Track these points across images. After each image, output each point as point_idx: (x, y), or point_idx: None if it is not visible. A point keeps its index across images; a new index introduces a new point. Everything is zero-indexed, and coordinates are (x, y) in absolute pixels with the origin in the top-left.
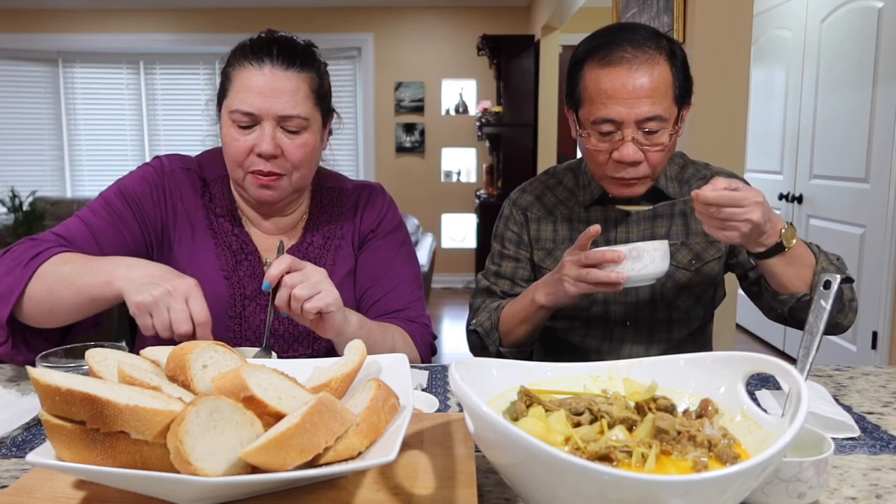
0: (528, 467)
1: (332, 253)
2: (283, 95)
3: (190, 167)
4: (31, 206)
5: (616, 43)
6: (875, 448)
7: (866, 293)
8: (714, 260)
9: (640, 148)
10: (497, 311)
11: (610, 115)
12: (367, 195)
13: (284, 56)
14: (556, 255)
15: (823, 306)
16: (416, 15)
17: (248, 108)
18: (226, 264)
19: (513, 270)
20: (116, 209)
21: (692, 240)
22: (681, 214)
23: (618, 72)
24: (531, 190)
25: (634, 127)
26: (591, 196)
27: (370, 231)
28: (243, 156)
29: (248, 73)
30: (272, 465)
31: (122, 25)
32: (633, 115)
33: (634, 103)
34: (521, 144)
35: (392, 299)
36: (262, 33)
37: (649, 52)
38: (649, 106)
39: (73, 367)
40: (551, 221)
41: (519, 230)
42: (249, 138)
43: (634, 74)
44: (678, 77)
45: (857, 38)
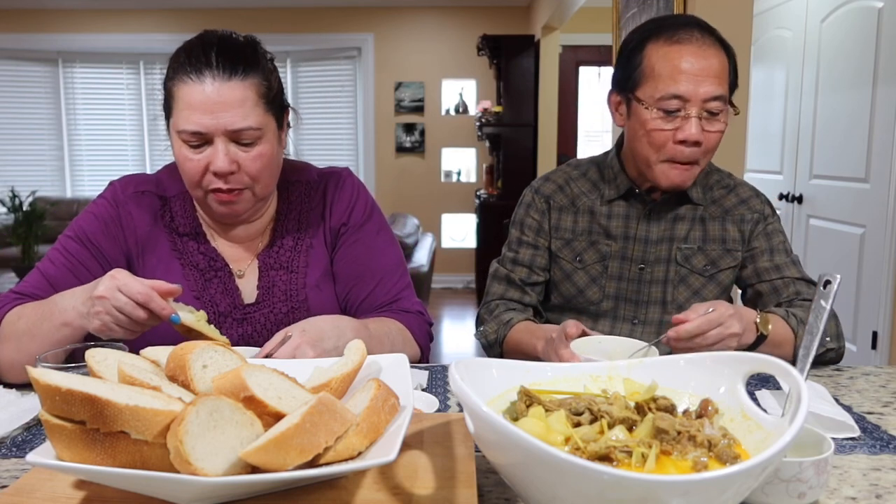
0: (528, 467)
1: (304, 254)
2: (230, 108)
3: (145, 189)
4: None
5: (683, 25)
6: (875, 448)
7: (866, 293)
8: (729, 269)
9: (703, 131)
10: (506, 328)
11: (679, 90)
12: (334, 185)
13: (225, 63)
14: (573, 246)
15: (823, 306)
16: (416, 15)
17: (195, 128)
18: (195, 284)
19: (531, 258)
20: (73, 253)
21: (708, 246)
22: (700, 220)
23: (689, 49)
24: (554, 179)
25: (700, 106)
26: (616, 191)
27: (341, 225)
28: (199, 175)
29: (189, 89)
30: (272, 465)
31: (122, 25)
32: (700, 93)
33: (702, 81)
34: (521, 144)
35: (380, 293)
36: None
37: (714, 36)
38: (715, 86)
39: (73, 367)
40: (573, 212)
41: (540, 218)
42: (202, 157)
43: (704, 53)
44: (730, 68)
45: (857, 38)
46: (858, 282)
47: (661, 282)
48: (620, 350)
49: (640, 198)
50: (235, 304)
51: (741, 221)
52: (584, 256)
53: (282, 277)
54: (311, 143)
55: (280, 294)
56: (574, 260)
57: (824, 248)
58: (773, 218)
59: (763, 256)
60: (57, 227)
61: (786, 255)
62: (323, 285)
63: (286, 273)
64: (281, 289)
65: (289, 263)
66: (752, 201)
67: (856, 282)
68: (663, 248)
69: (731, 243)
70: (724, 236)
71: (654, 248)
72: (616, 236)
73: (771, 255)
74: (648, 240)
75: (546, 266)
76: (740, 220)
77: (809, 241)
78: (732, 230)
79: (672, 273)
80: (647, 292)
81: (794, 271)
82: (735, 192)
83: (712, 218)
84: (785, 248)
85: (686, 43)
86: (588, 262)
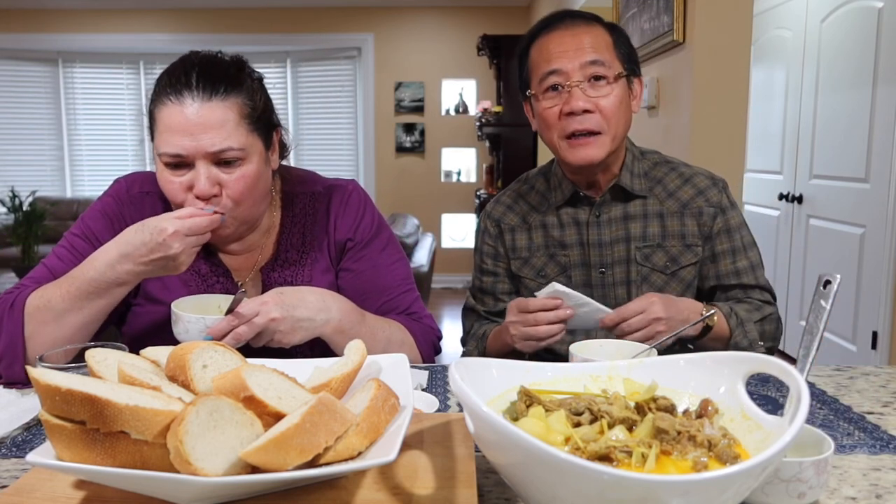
0: (528, 467)
1: (309, 268)
2: (210, 130)
3: (150, 190)
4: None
5: (554, 18)
6: (875, 448)
7: (866, 293)
8: (690, 265)
9: (590, 98)
10: (483, 340)
11: (553, 65)
12: (339, 198)
13: (206, 84)
14: (532, 263)
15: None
16: (416, 15)
17: (174, 150)
18: (197, 289)
19: (492, 285)
20: (80, 250)
21: (668, 242)
22: (657, 215)
23: (557, 32)
24: (504, 200)
25: (580, 76)
26: (562, 196)
27: (347, 240)
28: (181, 197)
29: (169, 111)
30: (272, 465)
31: (122, 25)
32: (576, 62)
33: (576, 53)
34: (521, 144)
35: (388, 308)
36: (180, 59)
37: (588, 20)
38: (589, 53)
39: (73, 367)
40: (525, 230)
41: (494, 243)
42: (184, 179)
43: (573, 31)
44: (620, 44)
45: (857, 38)
46: (858, 282)
47: (625, 283)
48: (620, 352)
49: (587, 201)
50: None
51: (699, 215)
52: (546, 271)
53: None
54: (312, 143)
55: None
56: (536, 276)
57: (824, 248)
58: (733, 210)
59: (725, 259)
60: (57, 227)
61: (746, 258)
62: None
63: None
64: None
65: (293, 278)
66: (710, 192)
67: (856, 282)
68: (620, 249)
69: (691, 238)
70: (682, 231)
71: (611, 250)
72: (571, 244)
73: (733, 257)
74: (602, 242)
75: (510, 290)
76: (698, 213)
77: (809, 241)
78: (691, 224)
79: (633, 273)
80: (613, 295)
81: (752, 278)
82: (691, 182)
83: (670, 213)
84: (744, 243)
85: (555, 29)
86: (550, 276)
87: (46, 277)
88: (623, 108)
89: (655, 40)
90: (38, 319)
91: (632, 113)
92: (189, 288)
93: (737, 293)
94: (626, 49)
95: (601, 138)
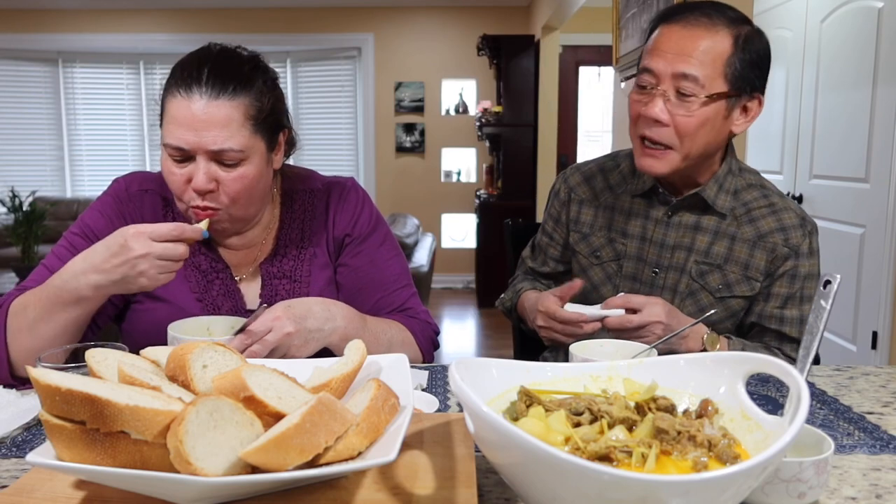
0: (528, 467)
1: (308, 263)
2: (213, 129)
3: (149, 188)
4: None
5: (686, 8)
6: (875, 448)
7: (866, 293)
8: (743, 297)
9: (670, 110)
10: (517, 295)
11: (650, 64)
12: (337, 195)
13: (216, 81)
14: (590, 241)
15: (823, 306)
16: (416, 15)
17: (177, 143)
18: (196, 286)
19: (546, 246)
20: (79, 249)
21: (729, 267)
22: (728, 236)
23: (674, 28)
24: (585, 170)
25: (671, 84)
26: (642, 186)
27: (345, 236)
28: (181, 189)
29: (177, 104)
30: (272, 465)
31: (122, 25)
32: (669, 69)
33: (675, 59)
34: (521, 144)
35: (384, 304)
36: (197, 50)
37: (714, 21)
38: (687, 64)
39: (73, 367)
40: (594, 206)
41: (560, 208)
42: (185, 172)
43: (687, 32)
44: (739, 59)
45: (857, 38)
46: (858, 282)
47: (672, 290)
48: (620, 352)
49: (663, 198)
50: (238, 307)
51: (772, 252)
52: (601, 252)
53: (285, 286)
54: (312, 143)
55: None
56: (590, 255)
57: (824, 248)
58: (810, 259)
59: (776, 301)
60: (57, 227)
61: (798, 309)
62: (326, 294)
63: (289, 282)
64: (284, 297)
65: (292, 272)
66: (792, 232)
67: (856, 282)
68: (679, 257)
69: (754, 271)
70: (748, 262)
71: (670, 254)
72: (633, 236)
73: (785, 302)
74: (664, 244)
75: (558, 257)
76: (772, 249)
77: None
78: (759, 258)
79: (683, 285)
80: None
81: (795, 331)
82: (778, 215)
83: (743, 239)
84: (803, 295)
85: (677, 21)
86: (604, 259)
87: (46, 278)
88: (707, 130)
89: None
90: (15, 326)
91: (729, 132)
92: (189, 283)
93: (771, 339)
94: (747, 64)
95: (669, 154)
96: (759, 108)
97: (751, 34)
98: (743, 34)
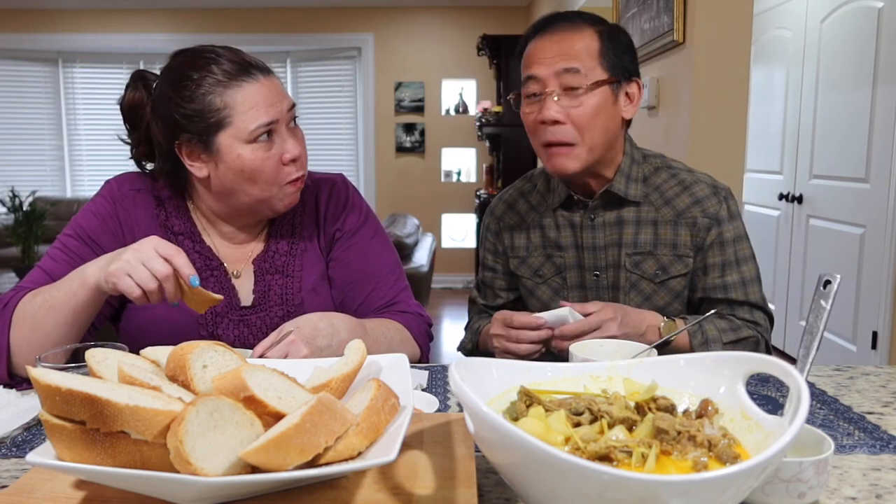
0: (528, 467)
1: (299, 258)
2: (280, 93)
3: (141, 187)
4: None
5: (548, 21)
6: (875, 448)
7: (866, 293)
8: (680, 276)
9: (563, 109)
10: (476, 336)
11: (531, 71)
12: (327, 191)
13: (259, 63)
14: (529, 263)
15: (823, 306)
16: (416, 15)
17: (269, 118)
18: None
19: (492, 280)
20: (74, 250)
21: (659, 251)
22: (650, 222)
23: (542, 38)
24: (506, 198)
25: (555, 84)
26: (558, 198)
27: (336, 230)
28: (277, 170)
29: (249, 90)
30: (272, 465)
31: (122, 25)
32: (551, 70)
33: (553, 60)
34: (521, 144)
35: (376, 297)
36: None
37: (577, 23)
38: (565, 61)
39: (73, 367)
40: (524, 229)
41: (494, 240)
42: (274, 151)
43: (556, 36)
44: (610, 49)
45: (857, 38)
46: (858, 282)
47: (614, 288)
48: (620, 352)
49: (581, 204)
50: (232, 304)
51: (693, 226)
52: (543, 271)
53: (277, 281)
54: (311, 143)
55: (276, 298)
56: (533, 276)
57: (824, 248)
58: (731, 223)
59: (714, 272)
60: (57, 227)
61: (737, 272)
62: (319, 289)
63: (282, 277)
64: (277, 293)
65: (284, 268)
66: (708, 202)
67: (856, 282)
68: (612, 253)
69: (683, 248)
70: (675, 241)
71: (604, 254)
72: (567, 246)
73: (722, 270)
74: (596, 246)
75: (506, 287)
76: (693, 223)
77: (809, 241)
78: (684, 234)
79: (623, 279)
80: (608, 298)
81: (741, 294)
82: (690, 190)
83: (664, 221)
84: (738, 258)
85: (543, 33)
86: (547, 276)
87: (43, 279)
88: (602, 118)
89: (655, 40)
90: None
91: (621, 119)
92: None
93: (723, 308)
94: (617, 53)
95: (575, 150)
96: (640, 91)
97: (613, 28)
98: (606, 29)
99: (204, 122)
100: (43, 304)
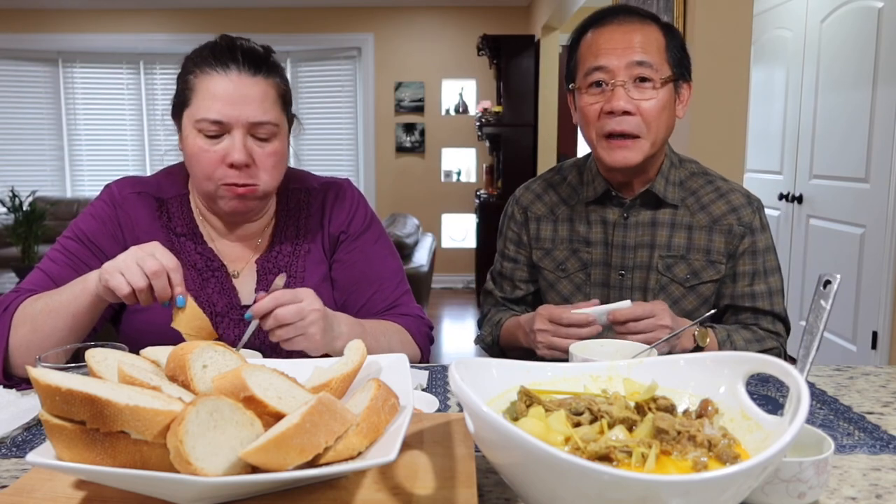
0: (528, 467)
1: (303, 259)
2: (253, 102)
3: (142, 190)
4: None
5: (608, 13)
6: (875, 448)
7: (866, 293)
8: (711, 281)
9: (632, 100)
10: (497, 328)
11: (599, 62)
12: (333, 194)
13: (250, 61)
14: (554, 255)
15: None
16: (416, 15)
17: (216, 117)
18: (192, 284)
19: (512, 271)
20: (74, 252)
21: (692, 255)
22: (685, 227)
23: (609, 28)
24: (534, 188)
25: (626, 76)
26: (593, 193)
27: (340, 233)
28: (213, 167)
29: (214, 79)
30: (272, 465)
31: (122, 25)
32: (623, 61)
33: (625, 51)
34: (521, 144)
35: (378, 300)
36: (219, 39)
37: (643, 17)
38: (638, 53)
39: (73, 367)
40: (552, 221)
41: (518, 230)
42: (219, 148)
43: (624, 28)
44: (673, 47)
45: (857, 38)
46: (858, 282)
47: (642, 289)
48: (620, 352)
49: (617, 201)
50: (232, 303)
51: (729, 233)
52: (567, 265)
53: None
54: (311, 143)
55: None
56: (556, 269)
57: (824, 248)
58: (763, 233)
59: (743, 280)
60: (57, 227)
61: (765, 282)
62: (321, 290)
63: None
64: None
65: (287, 268)
66: (743, 211)
67: (856, 282)
68: (643, 255)
69: (716, 254)
70: (709, 247)
71: (633, 255)
72: (595, 242)
73: (752, 279)
74: (626, 245)
75: (527, 279)
76: (728, 230)
77: (809, 241)
78: (719, 241)
79: (653, 281)
80: (630, 300)
81: (766, 303)
82: (726, 198)
83: (699, 226)
84: (766, 268)
85: (607, 23)
86: (571, 271)
87: (42, 280)
88: (666, 114)
89: None
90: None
91: (675, 119)
92: (185, 282)
93: (747, 317)
94: (679, 52)
95: (639, 142)
96: (690, 94)
97: (671, 26)
98: (662, 24)
99: (180, 95)
100: (44, 307)
